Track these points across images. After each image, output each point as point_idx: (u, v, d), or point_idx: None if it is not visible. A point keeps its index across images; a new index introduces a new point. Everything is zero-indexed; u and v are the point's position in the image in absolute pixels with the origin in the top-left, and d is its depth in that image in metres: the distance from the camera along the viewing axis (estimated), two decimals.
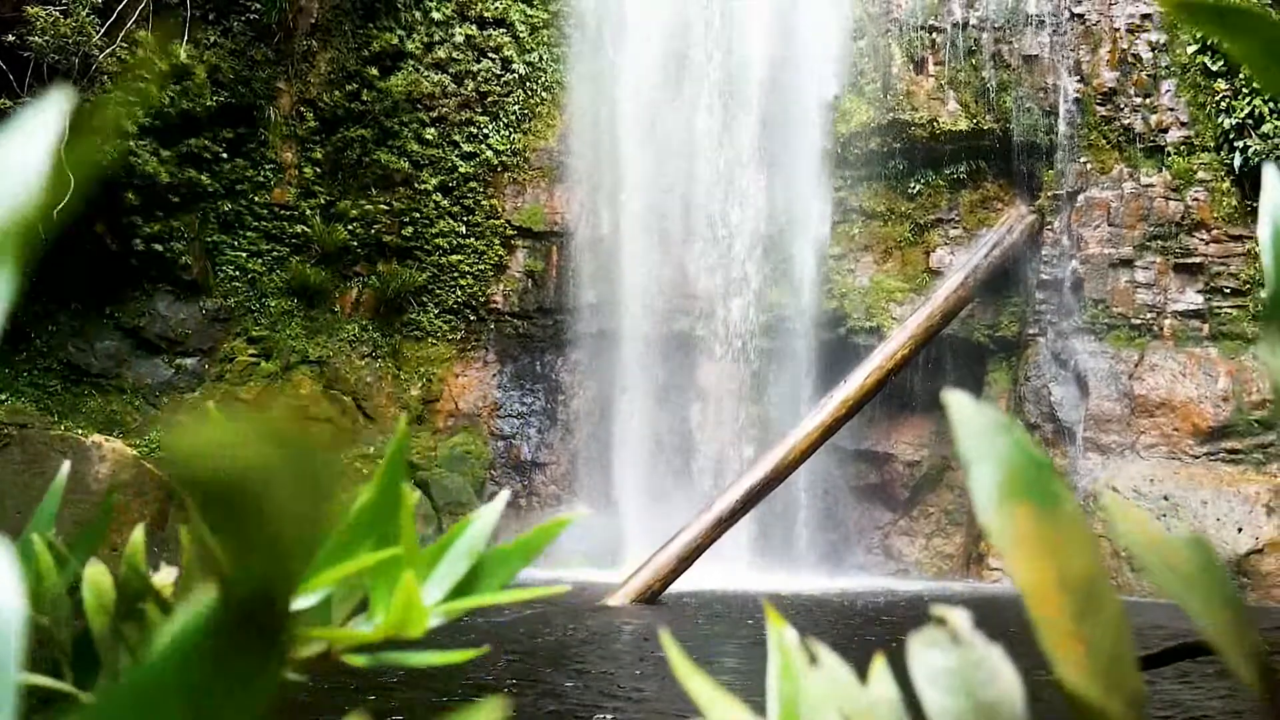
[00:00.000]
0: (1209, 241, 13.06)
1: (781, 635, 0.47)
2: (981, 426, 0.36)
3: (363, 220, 15.10)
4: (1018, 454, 0.36)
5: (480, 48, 15.27)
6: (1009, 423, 0.37)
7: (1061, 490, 0.36)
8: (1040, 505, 0.35)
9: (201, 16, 13.87)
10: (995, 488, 0.35)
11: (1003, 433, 0.36)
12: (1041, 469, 0.36)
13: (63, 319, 13.81)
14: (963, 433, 0.37)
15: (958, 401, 0.38)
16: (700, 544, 11.05)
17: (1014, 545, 0.35)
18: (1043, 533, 0.35)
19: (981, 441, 0.36)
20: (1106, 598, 0.35)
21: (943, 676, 0.40)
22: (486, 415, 15.34)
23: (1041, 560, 0.35)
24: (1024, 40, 13.74)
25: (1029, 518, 0.35)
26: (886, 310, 14.16)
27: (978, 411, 0.37)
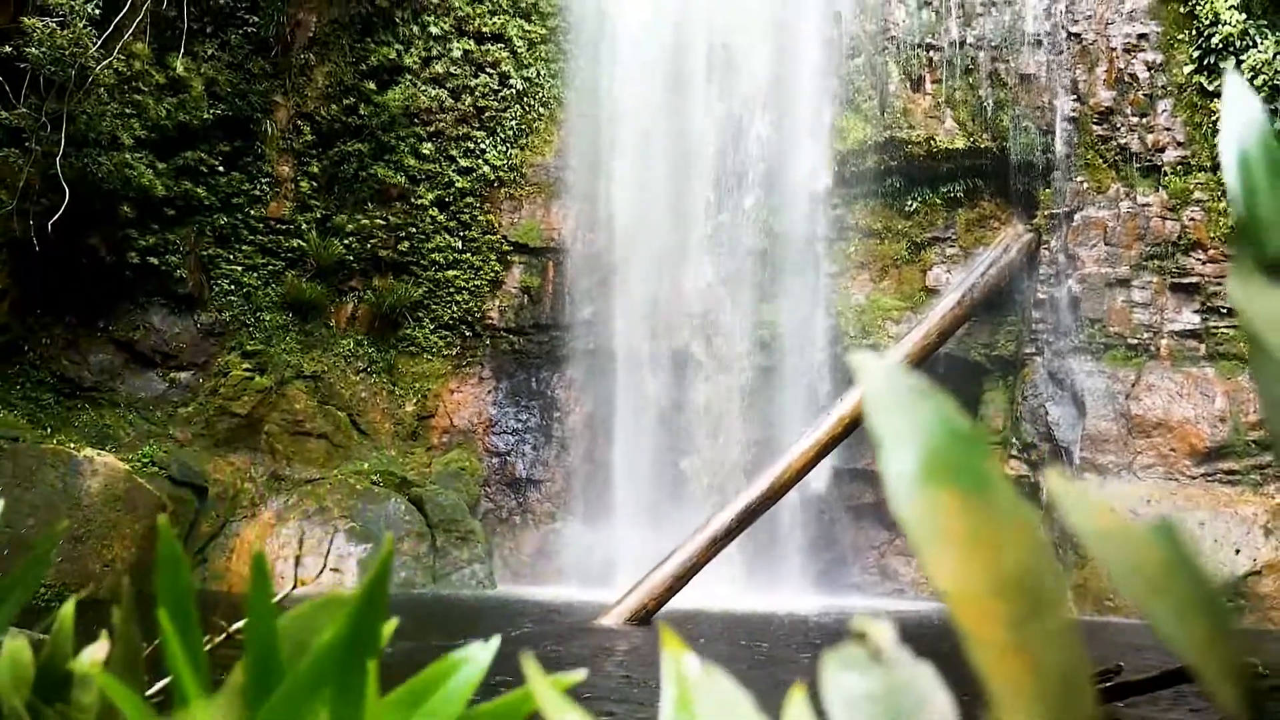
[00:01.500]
0: (1206, 261, 13.03)
1: (680, 665, 0.41)
2: (896, 395, 0.30)
3: (359, 235, 15.06)
4: (940, 427, 0.30)
5: (478, 63, 15.26)
6: (929, 390, 0.31)
7: (994, 471, 0.30)
8: (968, 490, 0.29)
9: (199, 29, 13.87)
10: (912, 469, 0.29)
11: (922, 402, 0.30)
12: (970, 445, 0.30)
13: (56, 332, 13.74)
14: (873, 403, 0.31)
15: (865, 365, 0.32)
16: (695, 563, 10.96)
17: (935, 539, 0.28)
18: (972, 523, 0.28)
19: (896, 413, 0.30)
20: (1053, 602, 0.29)
21: (862, 703, 0.34)
22: (481, 432, 15.26)
23: (970, 558, 0.28)
24: (1021, 59, 13.75)
25: (954, 506, 0.29)
26: (883, 328, 14.11)
27: (891, 377, 0.31)
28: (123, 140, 12.82)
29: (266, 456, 14.19)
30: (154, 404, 14.06)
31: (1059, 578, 0.31)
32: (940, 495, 0.29)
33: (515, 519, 15.06)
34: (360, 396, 14.89)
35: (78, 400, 13.68)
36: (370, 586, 0.52)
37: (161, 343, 14.20)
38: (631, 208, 14.61)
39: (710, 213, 14.44)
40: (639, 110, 14.48)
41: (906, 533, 0.30)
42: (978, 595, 0.28)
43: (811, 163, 14.27)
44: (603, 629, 9.95)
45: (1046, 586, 0.29)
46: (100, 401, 13.80)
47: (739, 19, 14.32)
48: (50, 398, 13.51)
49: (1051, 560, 0.31)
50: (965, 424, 0.32)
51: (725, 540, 11.27)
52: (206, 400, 14.16)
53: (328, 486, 13.56)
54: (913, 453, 0.29)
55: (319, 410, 14.61)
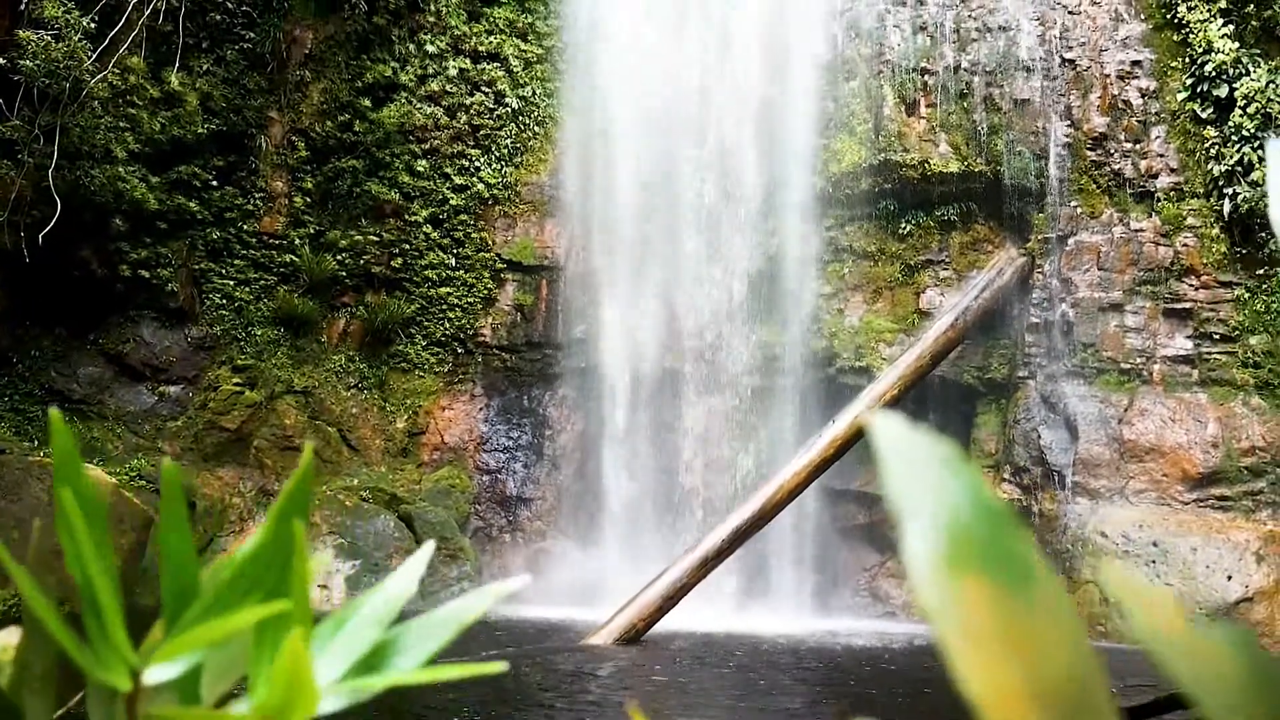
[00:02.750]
0: (1198, 287, 13.06)
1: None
2: (917, 463, 0.26)
3: (352, 251, 15.03)
4: (969, 503, 0.26)
5: (474, 81, 15.28)
6: (955, 458, 0.27)
7: (1032, 557, 0.26)
8: (1002, 579, 0.25)
9: (194, 44, 13.86)
10: (936, 552, 0.25)
11: (948, 472, 0.26)
12: (1003, 525, 0.26)
13: (45, 344, 13.67)
14: (891, 472, 0.27)
15: (885, 428, 0.28)
16: (685, 583, 10.91)
17: (963, 635, 0.24)
18: (1006, 619, 0.24)
19: (917, 485, 0.26)
20: (1098, 713, 0.25)
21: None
22: (472, 449, 15.20)
23: (1004, 658, 0.24)
24: (1015, 84, 13.80)
25: (985, 597, 0.25)
26: (876, 350, 14.10)
27: (911, 443, 0.27)
28: (116, 154, 12.79)
29: (255, 471, 14.10)
30: (143, 417, 13.97)
31: (1103, 684, 0.27)
32: (969, 584, 0.25)
33: (505, 537, 14.98)
34: (351, 412, 14.83)
35: (66, 413, 13.58)
36: (292, 488, 0.49)
37: (151, 356, 14.13)
38: (625, 227, 14.61)
39: (704, 233, 14.44)
40: (633, 130, 14.49)
41: (930, 623, 0.27)
42: (1012, 702, 0.25)
43: (805, 185, 14.29)
44: (591, 648, 9.88)
45: (1090, 695, 0.26)
46: (89, 414, 13.71)
47: (733, 41, 14.37)
48: (38, 410, 13.42)
49: (1095, 664, 0.27)
50: (997, 500, 0.28)
51: (716, 561, 11.21)
52: (196, 414, 14.08)
53: (317, 502, 13.47)
54: (937, 532, 0.25)
55: (309, 425, 14.54)
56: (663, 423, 14.60)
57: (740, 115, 14.35)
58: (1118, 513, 12.57)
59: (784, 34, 14.30)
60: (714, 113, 14.45)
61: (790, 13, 14.32)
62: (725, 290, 14.37)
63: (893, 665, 9.65)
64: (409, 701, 6.45)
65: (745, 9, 14.30)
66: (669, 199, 14.60)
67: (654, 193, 14.56)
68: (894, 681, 8.64)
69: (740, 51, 14.31)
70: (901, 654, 10.40)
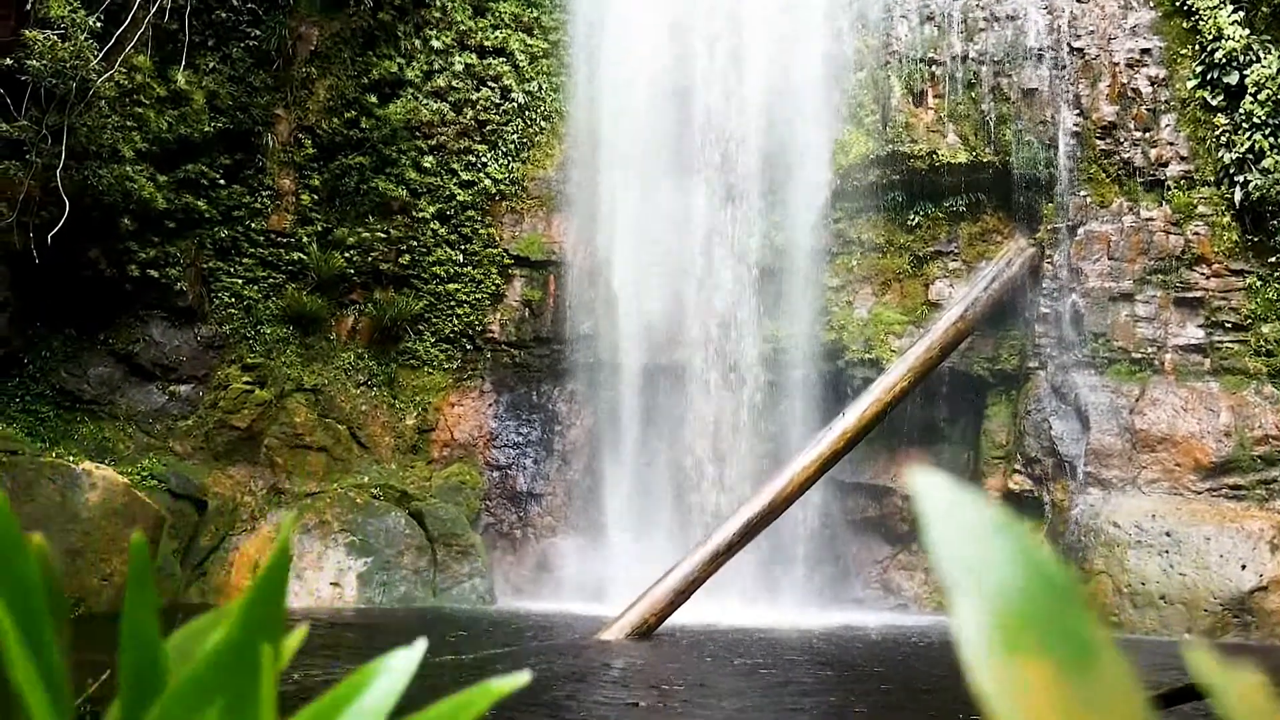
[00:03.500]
0: (1210, 276, 12.98)
1: None
2: (967, 528, 0.23)
3: (360, 248, 15.03)
4: (1027, 575, 0.23)
5: (480, 76, 15.26)
6: (1010, 522, 0.24)
7: (1094, 633, 0.23)
8: (1064, 660, 0.22)
9: (201, 42, 13.86)
10: (990, 629, 0.22)
11: (1002, 540, 0.23)
12: (1065, 600, 0.23)
13: (56, 345, 13.70)
14: (939, 538, 0.24)
15: (930, 490, 0.25)
16: (697, 578, 10.90)
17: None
18: (1066, 704, 0.21)
19: (967, 554, 0.23)
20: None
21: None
22: (482, 445, 15.20)
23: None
24: (1023, 74, 13.73)
25: (1046, 680, 0.22)
26: (886, 342, 14.05)
27: (961, 504, 0.24)
28: (123, 153, 12.79)
29: (266, 470, 14.13)
30: (153, 417, 14.00)
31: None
32: (1027, 665, 0.22)
33: (516, 533, 14.99)
34: (360, 410, 14.84)
35: (77, 413, 13.63)
36: (264, 578, 0.44)
37: (161, 356, 14.15)
38: (633, 221, 14.58)
39: (712, 227, 14.40)
40: (640, 124, 14.45)
41: (983, 706, 0.24)
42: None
43: (813, 177, 14.24)
44: (603, 644, 9.88)
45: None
46: (100, 414, 13.74)
47: (740, 33, 14.31)
48: (49, 410, 13.46)
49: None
50: (1057, 569, 0.25)
51: (727, 555, 11.20)
52: (206, 413, 14.11)
53: (327, 500, 13.50)
54: (991, 608, 0.23)
55: (319, 423, 14.56)
56: (672, 417, 14.58)
57: (747, 108, 14.30)
58: (1130, 503, 12.52)
59: (791, 26, 14.24)
60: (720, 105, 14.40)
61: (797, 4, 14.27)
62: (734, 283, 14.33)
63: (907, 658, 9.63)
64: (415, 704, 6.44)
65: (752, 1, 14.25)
66: (676, 192, 14.55)
67: (661, 186, 14.52)
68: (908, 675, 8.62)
69: (747, 43, 14.25)
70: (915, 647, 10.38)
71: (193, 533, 13.05)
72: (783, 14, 14.22)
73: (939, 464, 14.45)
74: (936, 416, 14.40)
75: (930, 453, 14.50)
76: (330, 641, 9.31)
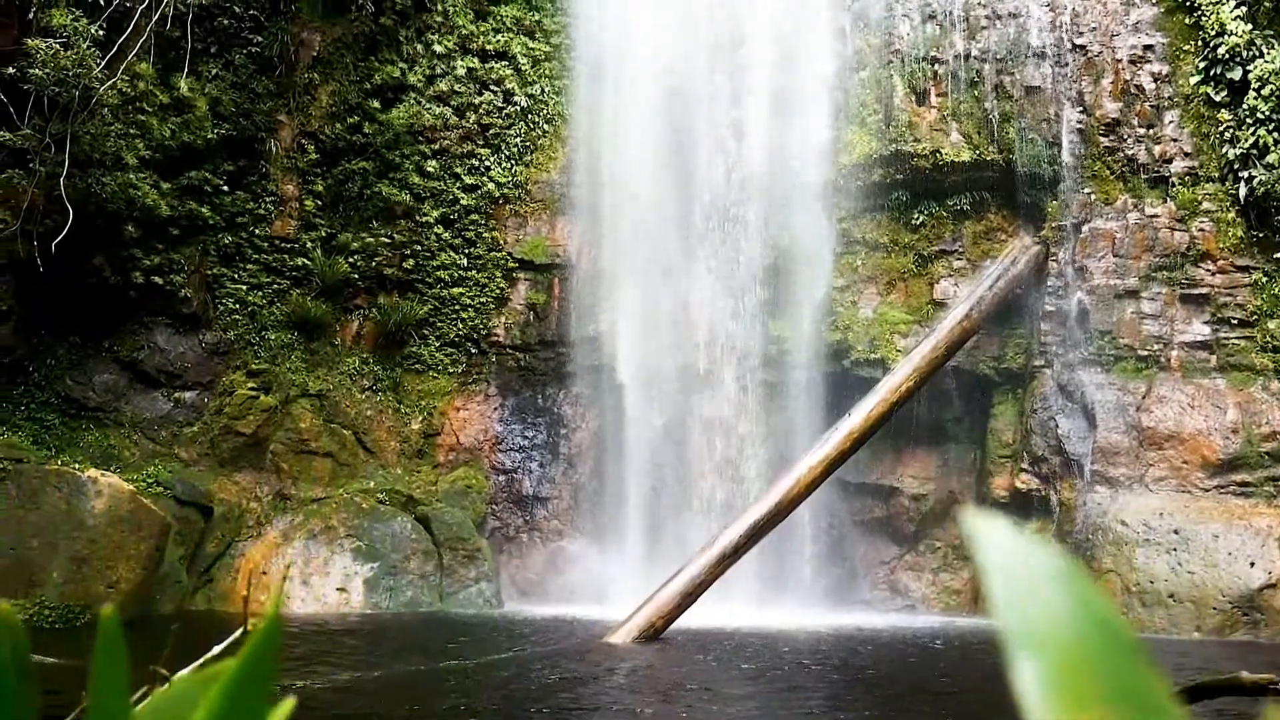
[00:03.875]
0: (1215, 272, 12.94)
1: None
2: (1029, 579, 0.22)
3: (364, 253, 15.03)
4: (1090, 627, 0.21)
5: (482, 80, 15.25)
6: (1073, 572, 0.23)
7: (1161, 689, 0.22)
8: (1126, 715, 0.21)
9: (203, 49, 13.87)
10: (1053, 685, 0.21)
11: (1065, 590, 0.22)
12: (1128, 653, 0.21)
13: (61, 352, 13.71)
14: (1000, 589, 0.22)
15: (991, 539, 0.23)
16: (704, 580, 10.87)
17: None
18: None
19: (1030, 605, 0.22)
20: None
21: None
22: (488, 449, 15.19)
23: None
24: (1026, 71, 13.69)
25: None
26: (891, 342, 14.03)
27: (1023, 553, 0.23)
28: (127, 160, 12.80)
29: (272, 476, 14.13)
30: (159, 424, 14.01)
31: None
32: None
33: (522, 537, 14.97)
34: (366, 415, 14.84)
35: (82, 421, 13.64)
36: (253, 652, 0.42)
37: (166, 362, 14.16)
38: (637, 223, 14.56)
39: (716, 227, 14.39)
40: (643, 125, 14.44)
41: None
42: None
43: (817, 177, 14.22)
44: (610, 648, 9.86)
45: None
46: (105, 422, 13.75)
47: (742, 34, 14.29)
48: (55, 418, 13.47)
49: None
50: (1121, 623, 0.24)
51: (734, 557, 11.18)
52: (212, 420, 14.11)
53: (334, 505, 13.50)
54: (1054, 662, 0.21)
55: (324, 429, 14.55)
56: (677, 418, 14.55)
57: (750, 108, 14.28)
58: (1138, 501, 12.48)
59: (793, 26, 14.22)
60: (724, 106, 14.38)
61: (799, 5, 14.25)
62: (738, 284, 14.31)
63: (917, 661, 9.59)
64: (421, 713, 6.44)
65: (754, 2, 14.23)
66: (680, 193, 14.54)
67: (665, 187, 14.50)
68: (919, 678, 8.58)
69: (750, 44, 14.23)
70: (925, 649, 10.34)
71: (199, 539, 13.06)
72: (784, 14, 14.19)
73: (946, 463, 14.42)
74: (943, 416, 14.37)
75: (937, 452, 14.46)
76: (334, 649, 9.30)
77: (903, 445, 14.40)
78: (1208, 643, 10.92)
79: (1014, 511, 13.41)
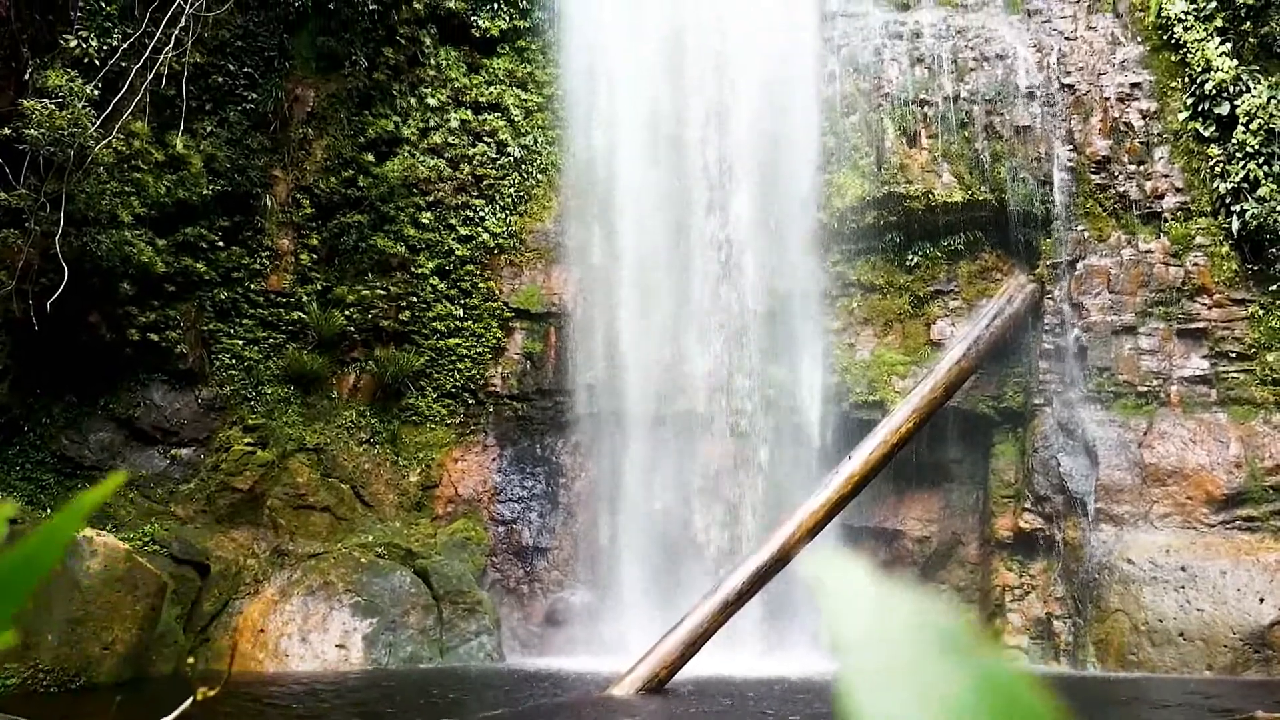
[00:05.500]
0: (1211, 306, 12.94)
1: None
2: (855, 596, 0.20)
3: (360, 305, 15.02)
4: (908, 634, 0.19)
5: (475, 132, 15.36)
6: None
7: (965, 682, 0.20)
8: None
9: (198, 107, 13.96)
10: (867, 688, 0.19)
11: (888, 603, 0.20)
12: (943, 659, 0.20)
13: (56, 411, 13.65)
14: (832, 607, 0.21)
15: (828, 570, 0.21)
16: (707, 629, 10.73)
17: None
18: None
19: (852, 617, 0.20)
20: None
21: None
22: (487, 500, 15.08)
23: None
24: (1015, 111, 13.80)
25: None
26: (889, 384, 13.99)
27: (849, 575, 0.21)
28: (122, 218, 12.83)
29: (269, 531, 14.00)
30: (155, 481, 13.91)
31: None
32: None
33: (523, 588, 14.81)
34: (363, 468, 14.74)
35: (78, 480, 13.54)
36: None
37: (162, 419, 14.09)
38: (631, 270, 14.59)
39: (710, 273, 14.41)
40: (635, 172, 14.52)
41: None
42: None
43: (810, 221, 14.27)
44: (613, 700, 9.70)
45: None
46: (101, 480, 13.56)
47: (733, 79, 14.42)
48: (50, 478, 13.37)
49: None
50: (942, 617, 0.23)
51: (737, 604, 11.04)
52: (208, 476, 14.01)
53: (331, 560, 13.35)
54: (869, 668, 0.20)
55: (322, 483, 14.45)
56: (677, 465, 14.47)
57: (743, 154, 14.37)
58: (1143, 538, 12.36)
59: (782, 72, 14.35)
60: (716, 153, 14.47)
61: (788, 51, 14.38)
62: (734, 329, 14.30)
63: None
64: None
65: (743, 48, 14.37)
66: (675, 239, 14.58)
67: (659, 234, 14.55)
68: None
69: (740, 91, 14.35)
70: None
71: (195, 598, 12.90)
72: (774, 60, 14.33)
73: (949, 505, 14.31)
74: (944, 457, 14.29)
75: (939, 494, 14.36)
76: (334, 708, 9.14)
77: (904, 487, 14.30)
78: (1220, 681, 10.76)
79: (1019, 551, 13.28)
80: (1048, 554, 13.15)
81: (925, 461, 14.15)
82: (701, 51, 14.51)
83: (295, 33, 14.83)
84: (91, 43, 12.49)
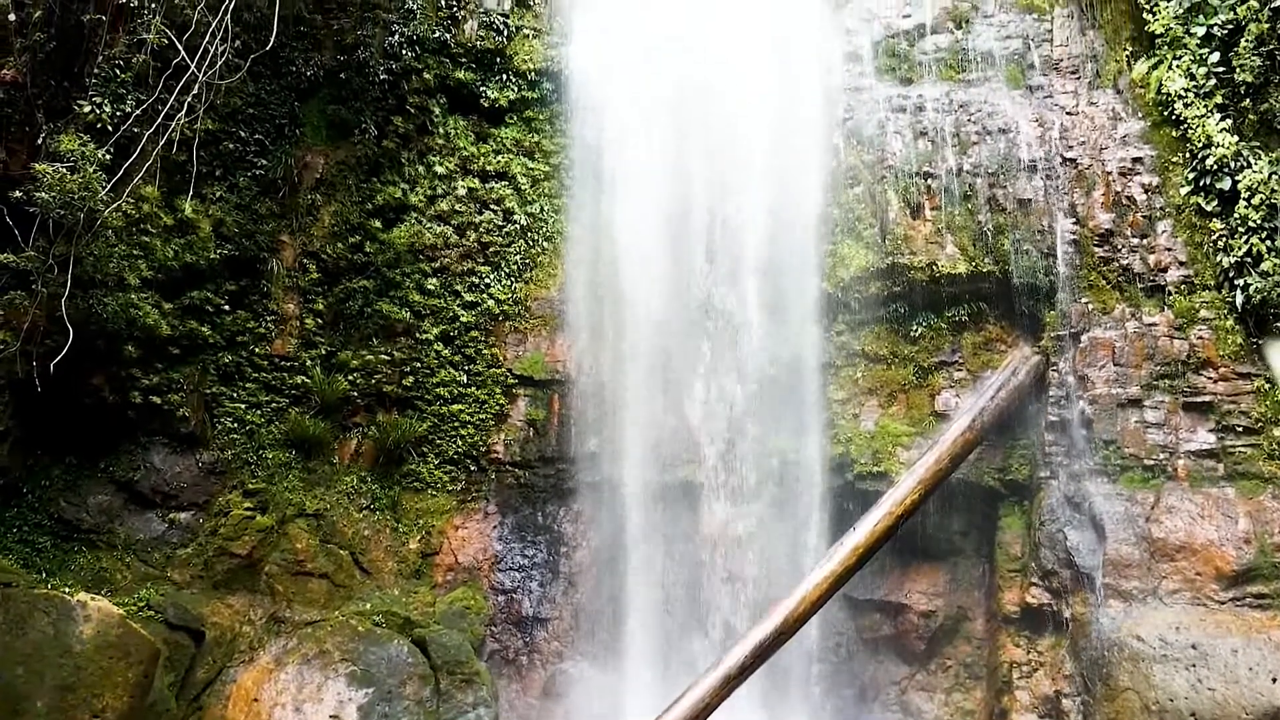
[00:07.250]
0: (1217, 380, 12.89)
1: None
2: None
3: (363, 370, 15.03)
4: None
5: (482, 200, 15.51)
6: None
7: None
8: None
9: (209, 172, 14.13)
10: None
11: None
12: None
13: (56, 473, 13.58)
14: None
15: None
16: (709, 703, 10.55)
17: None
18: None
19: None
20: None
21: None
22: (487, 569, 14.93)
23: None
24: (1018, 185, 13.92)
25: None
26: (893, 455, 13.91)
27: None
28: (129, 281, 12.90)
29: (266, 598, 13.84)
30: (152, 545, 13.79)
31: None
32: None
33: (522, 659, 14.59)
34: (363, 534, 14.62)
35: (74, 543, 13.43)
36: None
37: (162, 482, 14.02)
38: (636, 339, 14.63)
39: (715, 343, 14.43)
40: (640, 242, 14.62)
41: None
42: None
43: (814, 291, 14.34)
44: None
45: None
46: (98, 544, 13.54)
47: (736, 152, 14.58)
48: (47, 541, 13.26)
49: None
50: None
51: (739, 678, 10.86)
52: (206, 541, 13.89)
53: (329, 628, 13.17)
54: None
55: (320, 549, 14.32)
56: (680, 535, 14.35)
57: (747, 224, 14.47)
58: (1152, 615, 12.16)
59: (787, 144, 14.52)
60: (721, 223, 14.59)
61: (792, 123, 14.57)
62: (738, 399, 14.28)
63: None
64: None
65: (748, 120, 14.55)
66: (678, 310, 14.63)
67: (663, 304, 14.60)
68: None
69: (745, 161, 14.50)
70: None
71: (189, 665, 12.70)
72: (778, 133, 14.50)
73: (955, 578, 14.13)
74: (950, 529, 14.15)
75: (945, 567, 14.19)
76: None
77: (909, 560, 14.15)
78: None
79: (1026, 626, 13.07)
80: (1056, 630, 12.94)
81: (930, 534, 14.01)
82: (706, 123, 14.70)
83: (306, 101, 15.07)
84: (105, 108, 12.67)
